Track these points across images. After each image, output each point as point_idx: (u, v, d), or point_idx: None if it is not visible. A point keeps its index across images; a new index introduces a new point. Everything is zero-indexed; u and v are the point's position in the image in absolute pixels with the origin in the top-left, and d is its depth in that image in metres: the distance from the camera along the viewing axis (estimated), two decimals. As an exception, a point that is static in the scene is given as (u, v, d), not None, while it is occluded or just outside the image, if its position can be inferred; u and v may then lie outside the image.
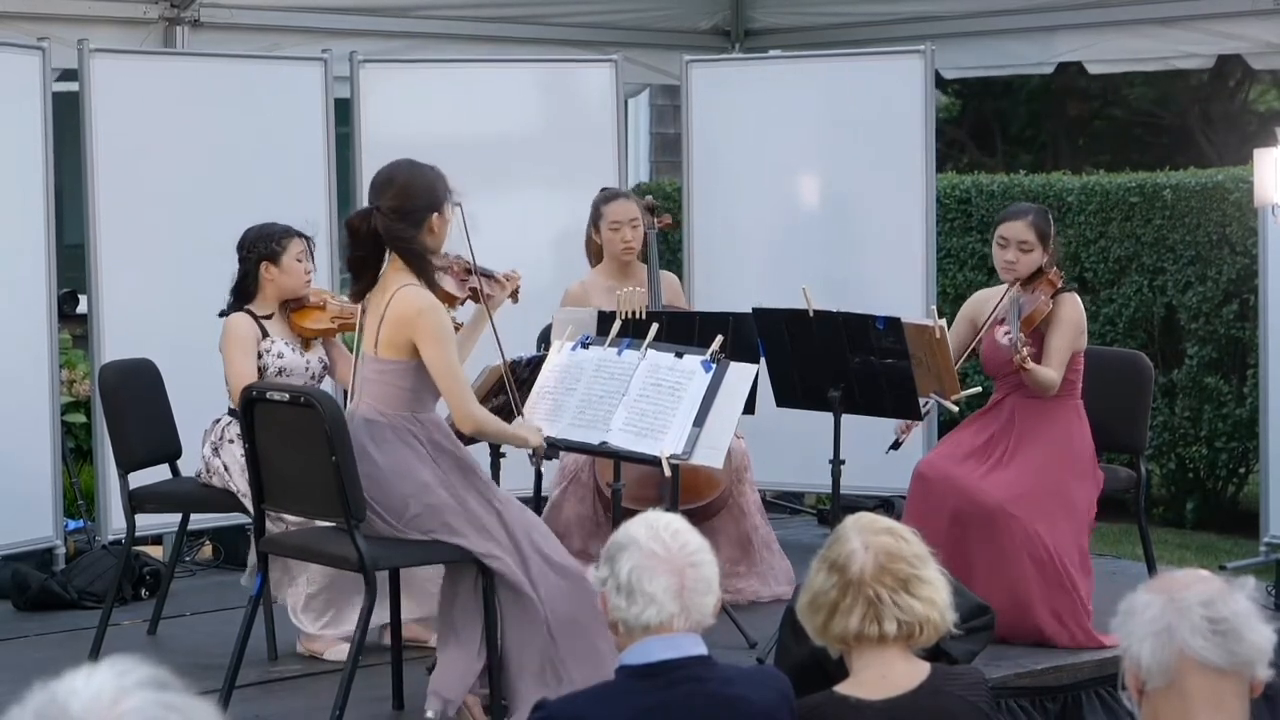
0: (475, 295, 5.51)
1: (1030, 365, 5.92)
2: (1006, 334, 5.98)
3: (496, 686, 5.11)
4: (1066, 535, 6.01)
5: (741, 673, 3.46)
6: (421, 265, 5.10)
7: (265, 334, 6.16)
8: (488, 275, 5.58)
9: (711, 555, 3.38)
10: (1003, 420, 6.19)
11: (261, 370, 6.12)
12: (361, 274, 5.18)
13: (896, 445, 6.32)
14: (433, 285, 5.13)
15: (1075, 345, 6.16)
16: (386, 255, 5.15)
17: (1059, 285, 6.16)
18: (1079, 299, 6.25)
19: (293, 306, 6.26)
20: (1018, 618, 5.89)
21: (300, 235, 6.25)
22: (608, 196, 6.95)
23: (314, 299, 6.27)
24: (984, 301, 6.44)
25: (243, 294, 6.21)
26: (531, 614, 5.05)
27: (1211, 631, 2.76)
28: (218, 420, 6.22)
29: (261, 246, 6.19)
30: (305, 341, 6.25)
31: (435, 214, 5.13)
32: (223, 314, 6.23)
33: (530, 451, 5.42)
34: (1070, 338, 6.14)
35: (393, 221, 5.07)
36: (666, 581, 3.29)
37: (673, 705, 3.27)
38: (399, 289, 5.07)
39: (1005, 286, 6.27)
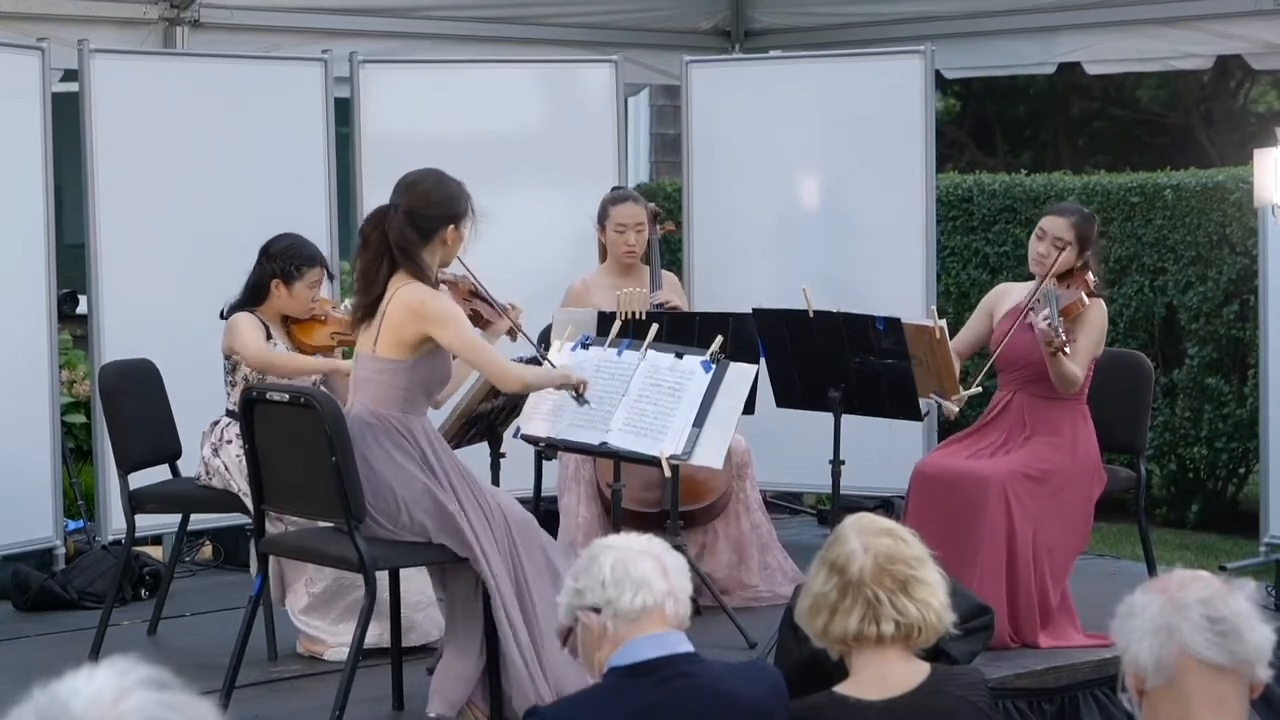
0: (476, 318, 5.51)
1: (1068, 350, 5.89)
2: (1046, 319, 5.90)
3: (496, 688, 5.11)
4: (1055, 538, 6.00)
5: (732, 668, 3.46)
6: (419, 274, 5.10)
7: (269, 336, 6.17)
8: (490, 303, 5.59)
9: (681, 559, 3.41)
10: (1010, 418, 6.17)
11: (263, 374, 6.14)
12: (370, 287, 5.16)
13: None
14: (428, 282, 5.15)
15: (1096, 351, 6.16)
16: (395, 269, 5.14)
17: (1093, 287, 6.14)
18: (1104, 307, 6.24)
19: (293, 319, 6.27)
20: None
21: (323, 266, 6.26)
22: (616, 198, 6.97)
23: (316, 311, 6.27)
24: (1005, 294, 6.40)
25: (253, 297, 6.21)
26: (523, 618, 5.05)
27: (1212, 630, 2.76)
28: (216, 422, 6.23)
29: (281, 264, 6.17)
30: (305, 352, 6.25)
31: (451, 227, 5.15)
32: (224, 315, 6.22)
33: (575, 392, 5.40)
34: (1094, 341, 6.13)
35: (405, 225, 5.08)
36: (651, 564, 3.32)
37: (665, 704, 3.26)
38: (398, 289, 5.08)
39: (1033, 282, 6.24)
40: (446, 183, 5.19)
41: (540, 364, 5.67)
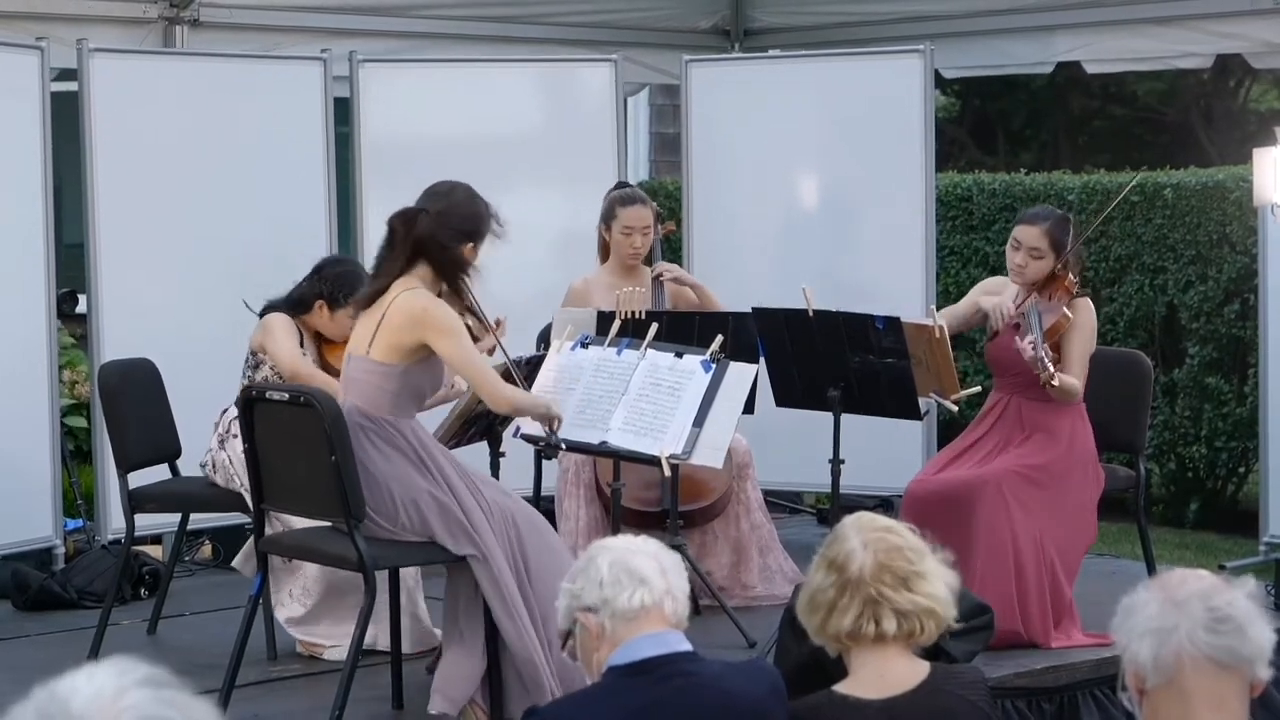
0: (467, 331, 5.53)
1: (1058, 382, 5.84)
2: (1031, 344, 5.85)
3: (496, 689, 5.11)
4: (1060, 537, 5.99)
5: (730, 666, 3.46)
6: (453, 276, 5.15)
7: (301, 343, 6.15)
8: (481, 320, 5.59)
9: (678, 558, 3.41)
10: (1008, 422, 6.15)
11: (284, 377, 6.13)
12: (380, 275, 5.18)
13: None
14: (458, 294, 5.18)
15: (1090, 349, 6.13)
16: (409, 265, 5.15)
17: (1075, 292, 6.11)
18: (1091, 304, 6.21)
19: (324, 338, 6.25)
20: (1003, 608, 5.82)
21: None
22: (625, 199, 6.84)
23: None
24: (1000, 287, 6.35)
25: (294, 307, 6.18)
26: (523, 615, 5.05)
27: (1213, 627, 2.76)
28: (225, 410, 6.20)
29: (330, 287, 6.13)
30: (330, 373, 6.23)
31: (472, 244, 5.21)
32: (263, 312, 6.19)
33: (548, 428, 5.41)
34: (1088, 343, 6.10)
35: (438, 227, 5.11)
36: (649, 563, 3.33)
37: (664, 703, 3.26)
38: (401, 293, 5.09)
39: (1016, 285, 6.23)
40: (476, 200, 5.28)
41: (514, 379, 5.62)
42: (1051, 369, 5.80)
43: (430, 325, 5.06)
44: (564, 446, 5.55)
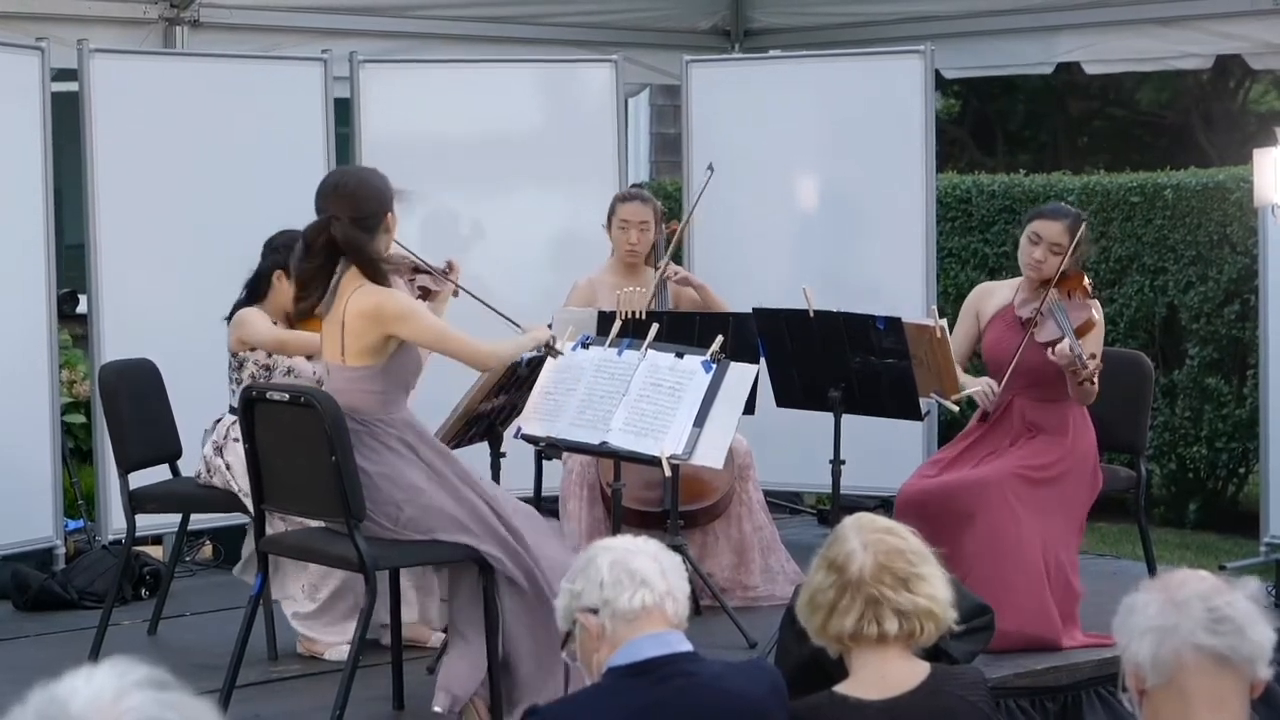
0: (425, 293, 5.54)
1: (1095, 381, 5.81)
2: (1069, 344, 5.79)
3: (497, 687, 5.11)
4: (1061, 536, 5.98)
5: (731, 666, 3.46)
6: (376, 271, 5.11)
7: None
8: (431, 273, 5.59)
9: (678, 558, 3.41)
10: (1012, 423, 6.12)
11: (270, 369, 6.13)
12: (311, 288, 5.14)
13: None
14: (391, 272, 5.18)
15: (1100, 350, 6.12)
16: (339, 266, 5.14)
17: (1090, 292, 6.09)
18: (1100, 306, 6.20)
19: (295, 319, 6.25)
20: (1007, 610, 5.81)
21: None
22: (624, 196, 6.97)
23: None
24: (988, 293, 6.35)
25: (255, 292, 6.22)
26: (530, 608, 5.05)
27: (1214, 626, 2.76)
28: (219, 419, 6.22)
29: (283, 255, 6.15)
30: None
31: (389, 214, 5.17)
32: (230, 314, 6.21)
33: (547, 348, 5.44)
34: (1101, 343, 6.10)
35: (350, 229, 5.07)
36: (648, 562, 3.33)
37: (665, 703, 3.26)
38: (352, 294, 5.07)
39: (1015, 281, 6.21)
40: (370, 176, 5.24)
41: (541, 363, 5.66)
42: (1091, 365, 5.78)
43: (388, 317, 5.05)
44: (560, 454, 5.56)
